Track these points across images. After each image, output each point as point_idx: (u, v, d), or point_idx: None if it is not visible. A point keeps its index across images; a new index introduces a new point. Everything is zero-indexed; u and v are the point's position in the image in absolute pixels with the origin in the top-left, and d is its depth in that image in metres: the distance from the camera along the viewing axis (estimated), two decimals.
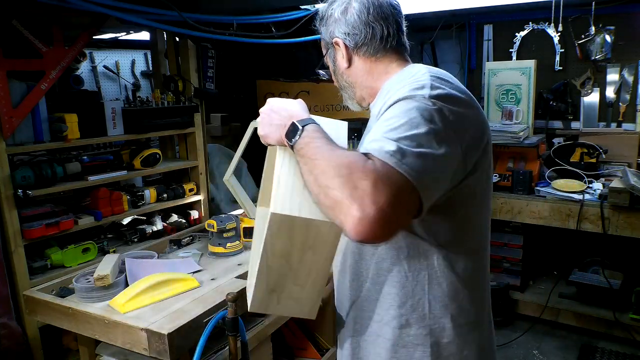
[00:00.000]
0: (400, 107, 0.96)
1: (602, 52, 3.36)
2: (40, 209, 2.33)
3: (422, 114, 0.93)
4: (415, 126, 0.91)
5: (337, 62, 1.25)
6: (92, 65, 4.44)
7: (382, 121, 0.96)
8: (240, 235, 1.94)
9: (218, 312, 1.45)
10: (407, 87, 1.00)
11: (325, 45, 1.28)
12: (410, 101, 0.96)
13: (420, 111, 0.94)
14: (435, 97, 0.96)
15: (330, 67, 1.30)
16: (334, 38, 1.22)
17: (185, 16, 2.54)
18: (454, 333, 1.11)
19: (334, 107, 3.68)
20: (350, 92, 1.29)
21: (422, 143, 0.89)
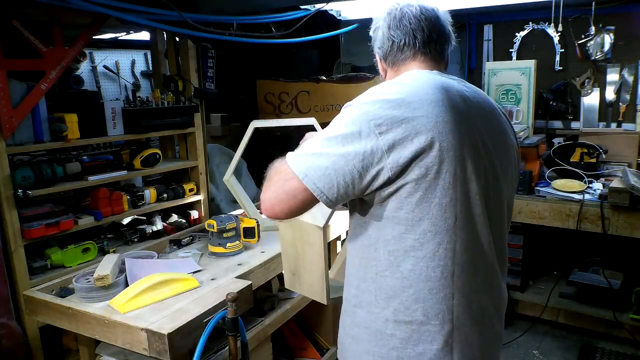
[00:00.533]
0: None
1: (602, 52, 3.36)
2: (40, 209, 2.33)
3: (338, 119, 1.13)
4: (326, 132, 1.13)
5: (380, 74, 1.43)
6: (92, 65, 4.44)
7: None
8: (240, 235, 1.94)
9: (218, 312, 1.45)
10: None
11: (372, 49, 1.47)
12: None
13: (340, 116, 1.14)
14: (363, 103, 1.12)
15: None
16: (375, 53, 1.42)
17: (185, 16, 2.54)
18: (394, 327, 1.16)
19: (334, 107, 3.68)
20: None
21: (323, 145, 1.10)
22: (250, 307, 1.62)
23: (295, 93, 3.78)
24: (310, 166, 1.09)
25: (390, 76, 1.34)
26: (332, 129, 1.12)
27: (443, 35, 1.29)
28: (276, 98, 3.85)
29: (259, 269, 1.81)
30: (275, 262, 1.91)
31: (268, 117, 3.89)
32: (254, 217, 2.14)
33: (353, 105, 1.13)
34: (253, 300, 1.64)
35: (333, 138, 1.09)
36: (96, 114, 2.53)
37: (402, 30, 1.28)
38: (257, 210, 2.33)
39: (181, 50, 2.98)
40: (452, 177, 1.10)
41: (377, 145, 1.06)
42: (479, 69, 3.97)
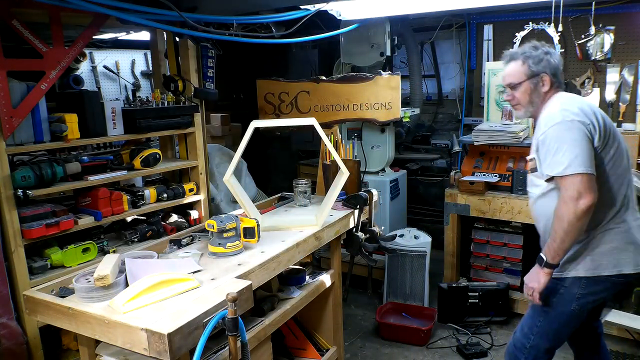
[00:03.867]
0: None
1: (602, 52, 3.36)
2: (40, 209, 2.33)
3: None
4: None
5: (537, 87, 1.94)
6: (92, 65, 4.44)
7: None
8: (240, 235, 1.94)
9: (218, 312, 1.45)
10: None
11: (531, 74, 1.93)
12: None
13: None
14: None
15: (525, 89, 1.94)
16: (542, 74, 1.92)
17: (185, 16, 2.54)
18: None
19: (334, 107, 3.68)
20: (533, 107, 1.97)
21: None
22: (250, 307, 1.61)
23: (295, 93, 3.78)
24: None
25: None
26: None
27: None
28: (276, 98, 3.85)
29: (259, 269, 1.81)
30: (275, 262, 1.91)
31: (268, 117, 3.89)
32: (253, 217, 2.14)
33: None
34: (253, 300, 1.64)
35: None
36: (96, 114, 2.53)
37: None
38: (257, 210, 2.33)
39: (181, 50, 2.98)
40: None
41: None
42: (479, 69, 3.97)
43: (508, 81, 1.99)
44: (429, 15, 3.59)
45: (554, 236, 1.80)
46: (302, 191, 2.60)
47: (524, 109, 1.99)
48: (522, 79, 1.94)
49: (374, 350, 3.13)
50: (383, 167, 3.96)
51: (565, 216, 1.75)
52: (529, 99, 1.95)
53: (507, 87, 2.00)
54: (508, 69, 1.99)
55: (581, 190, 1.72)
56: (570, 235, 1.77)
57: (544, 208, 1.93)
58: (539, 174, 1.90)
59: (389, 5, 3.15)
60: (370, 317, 3.51)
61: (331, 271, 2.49)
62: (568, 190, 1.74)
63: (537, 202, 1.97)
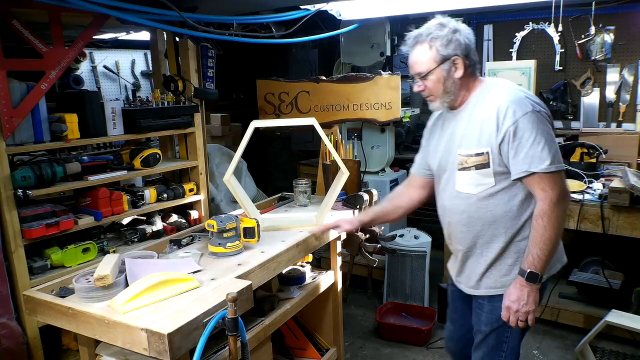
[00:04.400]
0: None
1: (602, 52, 3.36)
2: (40, 209, 2.33)
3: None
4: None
5: (450, 73, 1.66)
6: (92, 65, 4.44)
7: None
8: (240, 235, 1.94)
9: (218, 312, 1.45)
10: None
11: (441, 59, 1.65)
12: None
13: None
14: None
15: (437, 77, 1.67)
16: (453, 57, 1.65)
17: (185, 16, 2.54)
18: None
19: (334, 107, 3.68)
20: (450, 96, 1.70)
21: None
22: (250, 307, 1.61)
23: (295, 93, 3.78)
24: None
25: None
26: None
27: None
28: (276, 98, 3.85)
29: (259, 269, 1.81)
30: (275, 262, 1.91)
31: (268, 117, 3.89)
32: (253, 217, 2.15)
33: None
34: (253, 300, 1.64)
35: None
36: (96, 114, 2.53)
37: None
38: (257, 210, 2.33)
39: (181, 50, 2.98)
40: None
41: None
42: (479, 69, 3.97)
43: (416, 70, 1.70)
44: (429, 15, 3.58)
45: (544, 244, 1.59)
46: (302, 191, 2.60)
47: (439, 99, 1.71)
48: (431, 66, 1.66)
49: (374, 350, 3.13)
50: (383, 167, 3.96)
51: (558, 218, 1.58)
52: (443, 88, 1.68)
53: (416, 76, 1.72)
54: (414, 55, 1.70)
55: (565, 189, 1.60)
56: (559, 239, 1.63)
57: (486, 211, 1.69)
58: (488, 172, 1.65)
59: (389, 5, 3.15)
60: (370, 317, 3.51)
61: (331, 271, 2.49)
62: (555, 189, 1.57)
63: (478, 204, 1.69)
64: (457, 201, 1.75)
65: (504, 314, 1.69)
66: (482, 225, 1.71)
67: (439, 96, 1.70)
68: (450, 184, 1.77)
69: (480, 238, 1.73)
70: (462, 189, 1.71)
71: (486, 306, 1.78)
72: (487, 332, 1.79)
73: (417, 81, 1.71)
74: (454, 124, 1.76)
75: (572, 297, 3.20)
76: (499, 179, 1.65)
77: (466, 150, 1.67)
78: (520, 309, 1.65)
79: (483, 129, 1.64)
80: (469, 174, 1.67)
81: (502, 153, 1.61)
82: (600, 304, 3.05)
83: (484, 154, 1.63)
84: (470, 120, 1.68)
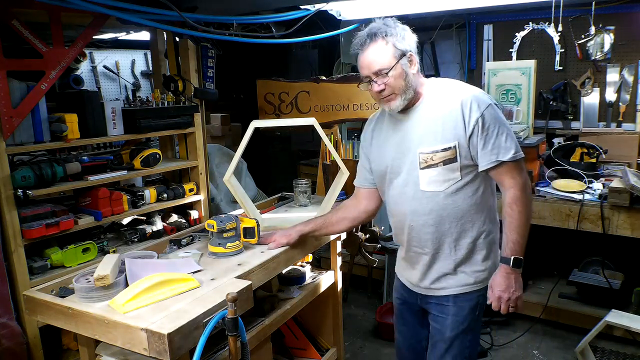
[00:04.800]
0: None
1: (602, 52, 3.36)
2: (40, 209, 2.33)
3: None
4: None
5: (408, 69, 1.63)
6: (92, 65, 4.44)
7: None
8: (240, 235, 1.94)
9: (218, 312, 1.45)
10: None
11: (400, 54, 1.62)
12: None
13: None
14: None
15: (399, 72, 1.62)
16: (408, 52, 1.63)
17: (185, 16, 2.54)
18: None
19: (334, 107, 3.68)
20: (410, 92, 1.66)
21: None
22: (250, 307, 1.61)
23: (295, 93, 3.78)
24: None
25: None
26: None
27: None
28: (276, 98, 3.85)
29: (259, 269, 1.81)
30: (275, 262, 1.91)
31: (268, 117, 3.89)
32: (253, 218, 2.15)
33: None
34: (253, 300, 1.64)
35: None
36: (96, 114, 2.53)
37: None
38: (257, 211, 2.33)
39: (181, 50, 2.98)
40: None
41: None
42: (479, 69, 3.97)
43: (377, 67, 1.61)
44: (429, 15, 3.58)
45: (521, 228, 1.65)
46: (302, 191, 2.60)
47: (401, 97, 1.64)
48: (392, 62, 1.60)
49: (374, 350, 3.13)
50: None
51: (529, 201, 1.66)
52: (404, 84, 1.63)
53: (374, 75, 1.63)
54: (371, 54, 1.62)
55: (527, 175, 1.67)
56: (530, 223, 1.69)
57: (454, 207, 1.68)
58: (455, 166, 1.64)
59: (389, 5, 3.15)
60: (370, 317, 3.51)
61: (331, 271, 2.50)
62: (522, 176, 1.65)
63: (446, 200, 1.67)
64: (422, 201, 1.70)
65: (495, 305, 1.70)
66: (450, 223, 1.69)
67: (400, 93, 1.64)
68: (410, 185, 1.72)
69: (448, 236, 1.71)
70: (428, 188, 1.68)
71: (452, 308, 1.76)
72: (451, 339, 1.76)
73: (375, 81, 1.64)
74: (406, 125, 1.72)
75: (572, 297, 3.20)
76: (465, 172, 1.66)
77: (430, 147, 1.64)
78: (511, 297, 1.67)
79: (446, 124, 1.63)
80: (435, 170, 1.65)
81: (471, 145, 1.63)
82: (600, 304, 3.05)
83: (451, 149, 1.62)
84: (429, 118, 1.67)
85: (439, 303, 1.79)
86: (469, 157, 1.65)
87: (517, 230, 1.65)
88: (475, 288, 1.75)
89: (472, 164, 1.66)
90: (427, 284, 1.80)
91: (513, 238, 1.66)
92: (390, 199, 1.82)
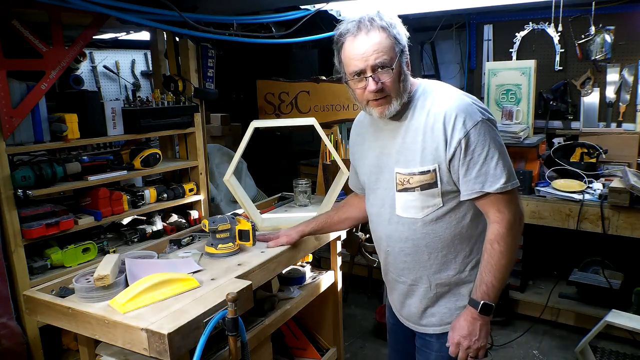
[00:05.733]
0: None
1: (602, 52, 3.36)
2: (40, 209, 2.33)
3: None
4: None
5: (404, 69, 1.39)
6: (92, 65, 4.44)
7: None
8: (236, 237, 1.93)
9: (218, 312, 1.45)
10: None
11: (400, 50, 1.37)
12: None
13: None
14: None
15: (398, 71, 1.37)
16: (406, 49, 1.38)
17: (185, 16, 2.54)
18: None
19: (334, 107, 3.68)
20: (404, 98, 1.41)
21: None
22: (250, 307, 1.61)
23: (295, 93, 3.78)
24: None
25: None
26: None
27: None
28: (276, 98, 3.85)
29: (259, 269, 1.81)
30: (275, 262, 1.91)
31: (268, 117, 3.89)
32: (253, 218, 2.15)
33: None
34: (253, 300, 1.64)
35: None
36: (96, 114, 2.53)
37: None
38: (257, 211, 2.33)
39: (181, 50, 2.98)
40: None
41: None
42: (479, 69, 3.97)
43: (377, 60, 1.33)
44: (429, 15, 3.58)
45: (499, 271, 1.38)
46: (302, 191, 2.60)
47: (396, 101, 1.39)
48: (394, 57, 1.34)
49: (374, 350, 3.13)
50: None
51: (515, 242, 1.39)
52: (402, 86, 1.38)
53: (371, 70, 1.35)
54: (370, 41, 1.33)
55: (520, 208, 1.41)
56: (513, 266, 1.43)
57: (434, 237, 1.46)
58: (435, 192, 1.41)
59: (389, 6, 3.15)
60: (370, 317, 3.51)
61: (331, 271, 2.49)
62: (511, 209, 1.37)
63: (425, 229, 1.46)
64: (398, 227, 1.49)
65: (453, 350, 1.47)
66: (429, 254, 1.48)
67: (395, 96, 1.39)
68: (386, 207, 1.52)
69: (428, 269, 1.50)
70: (405, 214, 1.46)
71: (435, 344, 1.57)
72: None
73: (372, 77, 1.35)
74: (387, 136, 1.49)
75: (572, 297, 3.20)
76: (447, 198, 1.43)
77: (407, 169, 1.42)
78: (472, 345, 1.43)
79: (427, 142, 1.39)
80: (412, 195, 1.42)
81: (452, 170, 1.39)
82: (600, 304, 3.05)
83: (430, 172, 1.39)
84: (409, 131, 1.43)
85: (422, 337, 1.61)
86: (452, 182, 1.41)
87: (493, 273, 1.38)
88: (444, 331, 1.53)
89: (456, 190, 1.42)
90: (406, 315, 1.63)
91: (487, 280, 1.39)
92: (369, 215, 1.66)
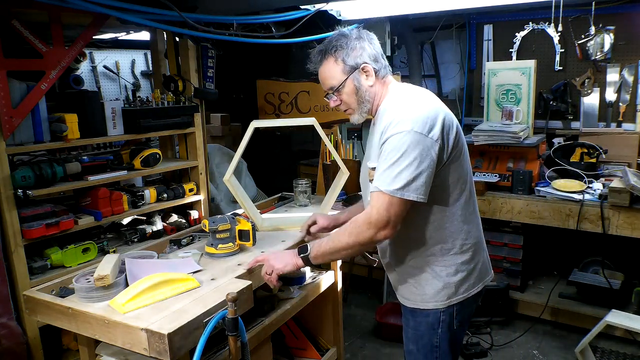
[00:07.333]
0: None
1: (602, 52, 3.36)
2: (40, 209, 2.33)
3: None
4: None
5: (361, 82, 1.61)
6: (92, 65, 4.44)
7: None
8: (236, 237, 1.93)
9: (218, 312, 1.45)
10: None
11: (347, 71, 1.60)
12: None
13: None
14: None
15: (350, 88, 1.62)
16: (362, 64, 1.59)
17: (185, 16, 2.54)
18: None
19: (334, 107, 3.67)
20: (367, 105, 1.65)
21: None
22: (250, 307, 1.61)
23: (295, 93, 3.78)
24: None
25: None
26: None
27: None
28: (276, 98, 3.86)
29: (259, 269, 1.81)
30: None
31: (268, 117, 3.89)
32: (253, 218, 2.15)
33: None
34: (253, 300, 1.64)
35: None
36: (96, 114, 2.53)
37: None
38: (257, 210, 2.33)
39: (181, 50, 2.98)
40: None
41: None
42: (479, 69, 3.97)
43: (328, 85, 1.64)
44: (429, 15, 3.58)
45: (334, 243, 1.55)
46: (302, 191, 2.60)
47: (358, 111, 1.65)
48: (342, 79, 1.60)
49: (374, 350, 3.13)
50: None
51: (361, 238, 1.49)
52: (357, 99, 1.62)
53: (329, 91, 1.66)
54: (323, 71, 1.64)
55: (390, 222, 1.45)
56: (347, 254, 1.58)
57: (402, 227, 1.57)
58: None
59: (389, 5, 3.15)
60: (370, 317, 3.51)
61: (331, 271, 2.49)
62: (381, 213, 1.44)
63: None
64: None
65: (259, 257, 1.75)
66: (402, 241, 1.63)
67: (356, 108, 1.65)
68: (365, 197, 1.72)
69: (401, 251, 1.66)
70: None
71: (411, 321, 1.72)
72: (412, 352, 1.71)
73: (331, 96, 1.66)
74: (370, 134, 1.74)
75: (572, 297, 3.20)
76: None
77: (371, 163, 1.60)
78: (271, 262, 1.68)
79: (378, 141, 1.56)
80: (372, 187, 1.55)
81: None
82: (600, 304, 3.06)
83: (375, 169, 1.55)
84: (374, 132, 1.65)
85: (404, 312, 1.77)
86: None
87: (332, 241, 1.57)
88: (431, 307, 1.63)
89: None
90: (394, 288, 1.80)
91: (324, 241, 1.60)
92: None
